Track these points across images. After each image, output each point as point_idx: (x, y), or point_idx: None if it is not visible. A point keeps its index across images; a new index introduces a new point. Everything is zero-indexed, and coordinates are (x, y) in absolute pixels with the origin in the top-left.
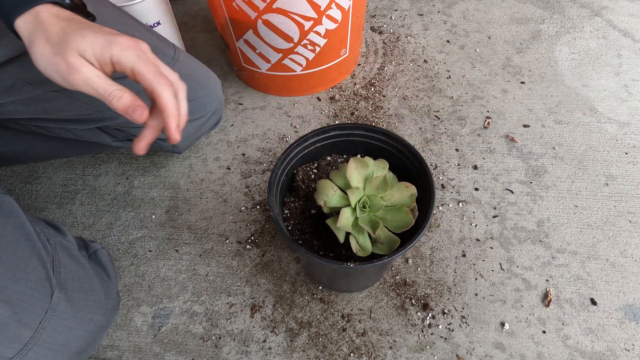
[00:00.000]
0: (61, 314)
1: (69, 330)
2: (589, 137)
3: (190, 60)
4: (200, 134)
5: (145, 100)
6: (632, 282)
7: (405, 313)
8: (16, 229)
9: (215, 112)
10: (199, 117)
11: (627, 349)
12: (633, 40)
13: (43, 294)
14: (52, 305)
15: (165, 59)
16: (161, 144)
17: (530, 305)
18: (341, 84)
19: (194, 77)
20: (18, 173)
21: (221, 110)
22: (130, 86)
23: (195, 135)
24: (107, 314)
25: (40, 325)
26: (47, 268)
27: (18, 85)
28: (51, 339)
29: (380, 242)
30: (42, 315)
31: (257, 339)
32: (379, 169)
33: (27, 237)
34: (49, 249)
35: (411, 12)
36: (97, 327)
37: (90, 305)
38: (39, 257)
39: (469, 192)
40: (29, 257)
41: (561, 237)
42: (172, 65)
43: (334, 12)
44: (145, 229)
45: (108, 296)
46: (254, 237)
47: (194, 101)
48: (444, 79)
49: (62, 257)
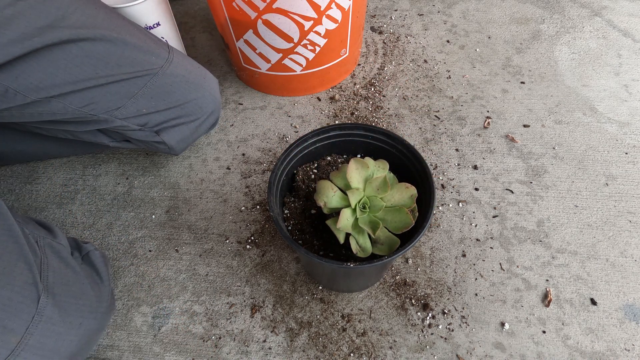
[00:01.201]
0: (49, 319)
1: (57, 335)
2: (589, 137)
3: (185, 61)
4: (197, 135)
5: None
6: (632, 282)
7: (405, 313)
8: (3, 231)
9: (212, 113)
10: (194, 118)
11: (627, 349)
12: (633, 40)
13: (29, 298)
14: (39, 310)
15: (159, 61)
16: (157, 146)
17: (530, 305)
18: (341, 84)
19: (189, 78)
20: (18, 173)
21: (218, 111)
22: None
23: (191, 137)
24: (99, 318)
25: (27, 331)
26: (34, 272)
27: (10, 93)
28: (39, 344)
29: (380, 243)
30: (28, 321)
31: (257, 339)
32: (379, 170)
33: (15, 239)
34: (37, 251)
35: (411, 12)
36: (89, 331)
37: (80, 310)
38: (26, 260)
39: (469, 192)
40: (15, 261)
41: (561, 237)
42: (166, 67)
43: (334, 12)
44: (145, 229)
45: (100, 300)
46: (254, 237)
47: (189, 103)
48: (444, 79)
49: (51, 260)
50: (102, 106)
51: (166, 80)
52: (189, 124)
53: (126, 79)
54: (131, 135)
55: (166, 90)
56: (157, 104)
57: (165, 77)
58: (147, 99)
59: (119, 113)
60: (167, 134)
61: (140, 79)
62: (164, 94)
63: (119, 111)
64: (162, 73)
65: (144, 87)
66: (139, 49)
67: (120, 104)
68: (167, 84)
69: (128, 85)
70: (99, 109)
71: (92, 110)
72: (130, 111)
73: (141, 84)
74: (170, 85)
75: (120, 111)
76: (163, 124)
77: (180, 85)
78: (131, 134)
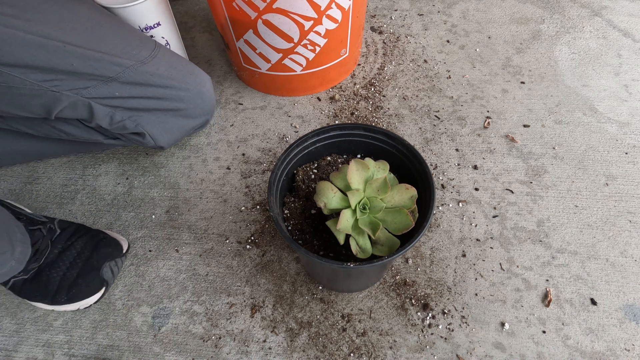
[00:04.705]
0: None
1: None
2: (589, 137)
3: (172, 59)
4: (185, 130)
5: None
6: (632, 282)
7: (405, 313)
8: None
9: (201, 110)
10: (178, 109)
11: (627, 349)
12: (633, 40)
13: None
14: None
15: (140, 57)
16: (141, 141)
17: (530, 305)
18: (341, 84)
19: (173, 75)
20: (18, 173)
21: (209, 108)
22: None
23: (178, 130)
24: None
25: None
26: None
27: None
28: None
29: (380, 244)
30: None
31: (257, 339)
32: (379, 171)
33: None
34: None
35: (411, 12)
36: None
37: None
38: None
39: (469, 192)
40: None
41: (561, 237)
42: (146, 61)
43: (334, 12)
44: (145, 229)
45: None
46: (254, 237)
47: (170, 100)
48: (444, 79)
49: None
50: (68, 84)
51: (144, 75)
52: (174, 117)
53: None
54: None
55: (144, 84)
56: (132, 91)
57: (143, 72)
58: (122, 85)
59: (87, 92)
60: (147, 122)
61: (116, 67)
62: (146, 86)
63: (87, 91)
64: (137, 69)
65: (119, 74)
66: (122, 38)
67: (90, 84)
68: (145, 79)
69: (102, 68)
70: (65, 85)
71: (55, 87)
72: (101, 92)
73: (117, 70)
74: (149, 80)
75: (89, 91)
76: (140, 110)
77: (160, 81)
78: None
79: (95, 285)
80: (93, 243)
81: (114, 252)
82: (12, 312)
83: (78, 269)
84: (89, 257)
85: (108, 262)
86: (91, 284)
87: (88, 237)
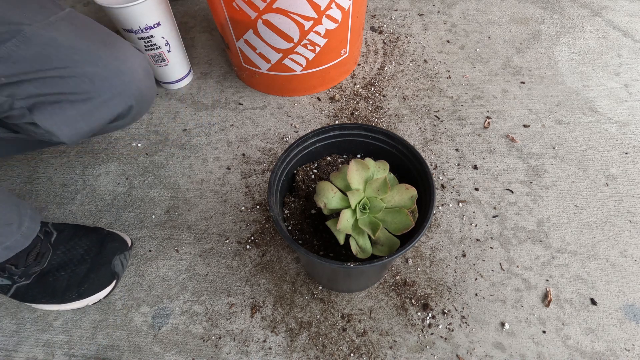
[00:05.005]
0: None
1: None
2: (589, 137)
3: (83, 24)
4: (94, 122)
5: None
6: (632, 282)
7: (405, 313)
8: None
9: (119, 95)
10: (85, 98)
11: (627, 349)
12: (633, 40)
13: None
14: None
15: (34, 18)
16: (36, 132)
17: (530, 305)
18: (341, 84)
19: (80, 45)
20: (18, 173)
21: (132, 93)
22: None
23: (84, 122)
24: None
25: None
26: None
27: None
28: None
29: (380, 244)
30: None
31: (257, 339)
32: (379, 171)
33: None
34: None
35: (411, 12)
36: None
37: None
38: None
39: (469, 192)
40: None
41: (561, 237)
42: (41, 26)
43: (334, 12)
44: (145, 229)
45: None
46: (254, 237)
47: (75, 78)
48: (444, 79)
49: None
50: None
51: (40, 43)
52: (77, 103)
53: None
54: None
55: (40, 55)
56: (23, 70)
57: (39, 38)
58: (9, 64)
59: None
60: (41, 113)
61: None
62: (36, 61)
63: None
64: (34, 33)
65: (3, 46)
66: (8, 2)
67: None
68: (41, 48)
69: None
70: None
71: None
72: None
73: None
74: (46, 49)
75: None
76: (35, 97)
77: (62, 52)
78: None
79: (106, 278)
80: (99, 239)
81: (122, 246)
82: (12, 312)
83: (88, 265)
84: (98, 252)
85: (118, 255)
86: (103, 277)
87: (92, 234)
